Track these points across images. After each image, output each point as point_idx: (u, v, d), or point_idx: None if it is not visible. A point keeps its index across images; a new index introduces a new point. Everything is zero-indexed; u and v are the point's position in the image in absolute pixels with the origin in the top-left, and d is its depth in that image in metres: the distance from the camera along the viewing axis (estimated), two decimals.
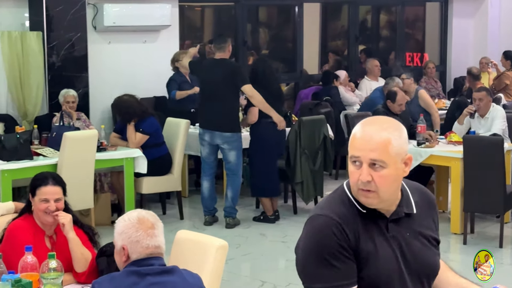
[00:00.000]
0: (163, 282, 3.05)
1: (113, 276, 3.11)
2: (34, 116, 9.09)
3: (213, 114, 7.99)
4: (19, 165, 7.20)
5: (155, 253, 3.14)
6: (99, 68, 9.75)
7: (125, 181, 7.93)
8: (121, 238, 3.18)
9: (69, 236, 4.06)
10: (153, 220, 3.22)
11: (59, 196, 4.17)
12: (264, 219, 8.30)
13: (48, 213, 4.11)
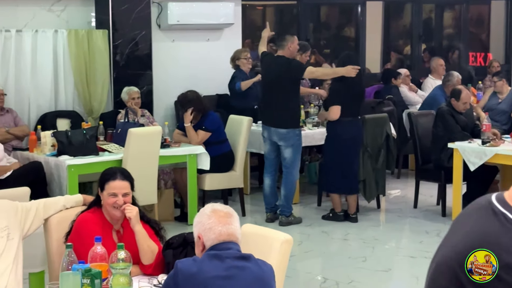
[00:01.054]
0: (241, 267, 3.11)
1: (195, 258, 3.17)
2: (99, 113, 9.25)
3: (270, 110, 8.05)
4: (85, 160, 7.33)
5: (228, 240, 3.19)
6: (163, 66, 9.87)
7: (188, 177, 8.01)
8: (197, 228, 3.28)
9: (136, 229, 4.13)
10: (226, 210, 3.31)
11: (127, 190, 4.23)
12: (333, 216, 8.23)
13: (116, 207, 4.18)
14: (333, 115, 7.91)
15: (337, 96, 7.93)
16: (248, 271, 3.12)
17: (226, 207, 3.35)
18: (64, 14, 9.25)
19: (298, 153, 8.11)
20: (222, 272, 3.06)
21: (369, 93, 11.16)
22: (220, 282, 3.04)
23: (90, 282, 3.41)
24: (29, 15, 8.98)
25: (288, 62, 7.96)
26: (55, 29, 9.03)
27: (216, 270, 3.07)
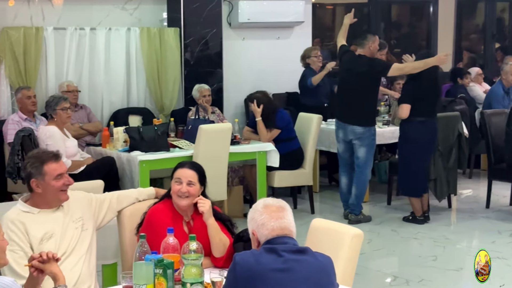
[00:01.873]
0: (298, 260, 3.10)
1: (253, 251, 3.18)
2: (170, 110, 9.36)
3: (348, 108, 8.01)
4: (157, 156, 7.42)
5: (282, 234, 3.19)
6: (233, 63, 9.94)
7: (257, 174, 8.04)
8: (250, 225, 3.28)
9: (209, 222, 4.16)
10: (278, 204, 3.28)
11: (192, 179, 4.24)
12: (412, 219, 8.11)
13: (181, 196, 4.21)
14: (402, 114, 7.81)
15: (408, 95, 7.83)
16: (306, 264, 3.11)
17: (278, 200, 3.32)
18: (137, 13, 9.39)
19: (371, 153, 8.05)
20: (279, 265, 3.06)
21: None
22: (278, 274, 3.04)
23: (163, 272, 3.45)
24: (103, 14, 9.14)
25: (371, 61, 7.93)
26: (128, 27, 9.18)
27: (273, 263, 3.07)
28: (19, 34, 8.44)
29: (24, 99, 8.04)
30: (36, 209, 4.13)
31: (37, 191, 4.11)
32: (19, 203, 4.18)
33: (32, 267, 3.35)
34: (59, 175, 4.13)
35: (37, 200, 4.15)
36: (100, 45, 8.99)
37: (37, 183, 4.09)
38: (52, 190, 4.12)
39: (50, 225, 4.11)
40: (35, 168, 4.10)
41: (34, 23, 8.65)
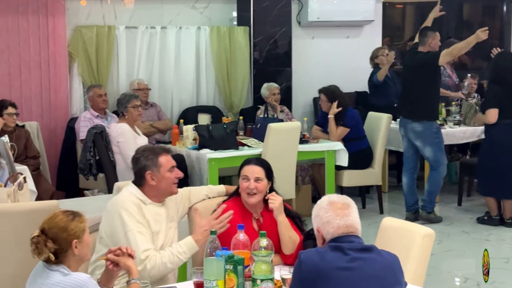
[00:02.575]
0: (364, 258, 3.07)
1: (317, 249, 3.16)
2: (239, 108, 9.40)
3: (407, 103, 7.99)
4: (225, 154, 7.45)
5: (347, 232, 3.16)
6: (302, 62, 9.92)
7: (326, 173, 8.01)
8: (315, 222, 3.25)
9: (279, 219, 4.16)
10: (343, 201, 3.24)
11: (259, 175, 4.25)
12: (488, 219, 7.97)
13: (249, 193, 4.22)
14: (491, 118, 7.66)
15: (495, 98, 7.68)
16: (371, 262, 3.07)
17: (343, 197, 3.28)
18: (207, 11, 9.45)
19: (439, 150, 7.93)
20: (345, 263, 3.03)
21: None
22: (344, 273, 3.01)
23: (233, 268, 3.46)
24: (173, 13, 9.22)
25: (422, 53, 7.85)
26: (198, 26, 9.25)
27: (339, 261, 3.04)
28: (91, 33, 8.58)
29: (95, 97, 8.18)
30: (148, 199, 4.19)
31: (151, 184, 4.17)
32: (132, 187, 4.22)
33: (108, 260, 3.41)
34: (172, 167, 4.21)
35: (147, 193, 4.19)
36: (170, 43, 9.08)
37: (152, 175, 4.16)
38: (166, 182, 4.20)
39: (157, 221, 4.16)
40: (150, 160, 4.18)
41: (106, 22, 8.79)
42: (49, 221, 3.24)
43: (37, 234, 3.20)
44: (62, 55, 8.45)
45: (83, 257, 3.30)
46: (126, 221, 3.99)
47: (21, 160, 7.29)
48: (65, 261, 3.22)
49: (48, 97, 8.45)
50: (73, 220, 3.25)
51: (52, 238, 3.18)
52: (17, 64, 8.24)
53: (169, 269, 3.98)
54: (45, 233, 3.20)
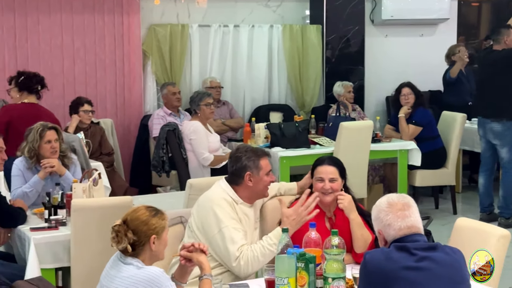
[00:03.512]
0: (431, 257, 3.03)
1: (383, 249, 3.13)
2: (311, 107, 9.38)
3: (484, 103, 7.83)
4: (297, 152, 7.44)
5: (410, 233, 3.12)
6: (375, 61, 9.85)
7: (398, 173, 7.93)
8: (376, 224, 3.23)
9: (351, 217, 4.14)
10: (403, 201, 3.20)
11: (333, 176, 4.24)
12: None
13: (324, 193, 4.20)
14: None
15: None
16: (439, 261, 3.03)
17: (403, 196, 3.23)
18: (280, 10, 9.46)
19: None
20: (412, 263, 2.99)
21: None
22: (412, 273, 2.97)
23: (305, 266, 3.45)
24: (246, 11, 9.26)
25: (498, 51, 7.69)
26: (270, 24, 9.27)
27: (405, 261, 3.00)
28: (165, 31, 8.68)
29: (169, 95, 8.26)
30: (240, 199, 4.23)
31: (247, 184, 4.20)
32: (225, 184, 4.25)
33: (181, 256, 3.44)
34: (269, 171, 4.24)
35: (240, 193, 4.23)
36: (243, 42, 9.11)
37: (250, 176, 4.20)
38: (262, 185, 4.24)
39: (245, 221, 4.19)
40: (252, 162, 4.21)
41: (180, 21, 8.88)
42: (132, 213, 3.30)
43: (119, 223, 3.26)
44: (137, 53, 8.56)
45: (159, 254, 3.34)
46: (221, 218, 4.02)
47: (95, 157, 7.42)
48: (141, 255, 3.26)
49: (123, 94, 8.58)
50: (154, 216, 3.30)
51: (132, 230, 3.24)
52: (93, 62, 8.39)
53: (261, 263, 3.96)
54: (127, 224, 3.26)
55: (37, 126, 5.48)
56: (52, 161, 5.42)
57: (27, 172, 5.45)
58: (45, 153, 5.44)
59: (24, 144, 5.49)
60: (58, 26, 8.17)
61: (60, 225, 4.91)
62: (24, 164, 5.47)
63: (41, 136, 5.43)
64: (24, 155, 5.47)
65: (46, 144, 5.44)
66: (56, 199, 5.07)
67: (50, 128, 5.49)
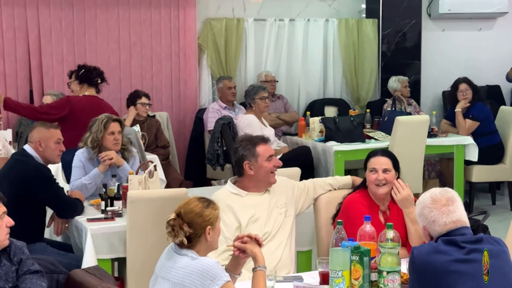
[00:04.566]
0: (480, 249, 3.02)
1: (431, 243, 3.12)
2: (366, 102, 9.33)
3: None
4: (352, 146, 7.41)
5: (455, 227, 3.10)
6: (432, 55, 9.74)
7: (454, 168, 7.83)
8: (421, 219, 3.22)
9: (406, 211, 4.10)
10: (447, 196, 3.18)
11: (387, 166, 4.20)
12: None
13: (377, 184, 4.17)
14: None
15: None
16: (487, 252, 3.00)
17: (446, 191, 3.20)
18: (335, 4, 9.41)
19: None
20: (462, 256, 2.99)
21: None
22: (463, 265, 2.97)
23: (359, 259, 3.44)
24: (302, 5, 9.24)
25: None
26: (326, 18, 9.23)
27: (455, 254, 3.00)
28: (221, 25, 8.70)
29: (225, 89, 8.28)
30: (244, 191, 4.27)
31: (249, 173, 4.25)
32: (228, 184, 4.34)
33: (235, 247, 3.45)
34: (270, 156, 4.26)
35: (246, 183, 4.28)
36: (298, 36, 9.10)
37: (250, 165, 4.24)
38: (264, 172, 4.26)
39: (256, 209, 4.23)
40: (248, 150, 4.26)
41: (235, 15, 8.89)
42: (185, 206, 3.31)
43: (174, 217, 3.28)
44: (192, 47, 8.61)
45: (213, 244, 3.35)
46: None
47: (151, 150, 7.49)
48: (196, 246, 3.28)
49: (178, 88, 8.64)
50: (207, 207, 3.32)
51: (188, 223, 3.26)
52: (149, 56, 8.46)
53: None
54: (181, 217, 3.27)
55: (101, 117, 5.56)
56: (110, 154, 5.49)
57: (88, 164, 5.53)
58: (108, 144, 5.51)
59: (87, 134, 5.57)
60: (115, 21, 8.26)
61: (116, 216, 4.96)
62: (85, 155, 5.54)
63: (105, 127, 5.50)
64: (86, 146, 5.55)
65: (109, 135, 5.51)
66: (112, 191, 5.13)
67: (114, 120, 5.57)
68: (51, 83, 7.96)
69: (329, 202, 4.49)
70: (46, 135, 4.99)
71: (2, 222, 3.22)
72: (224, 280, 3.16)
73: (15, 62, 7.87)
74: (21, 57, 7.89)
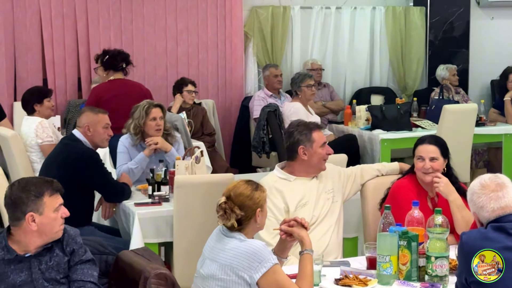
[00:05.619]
0: None
1: (480, 229, 3.11)
2: (413, 90, 9.27)
3: None
4: (398, 135, 7.38)
5: (503, 213, 3.06)
6: (480, 44, 9.62)
7: (503, 157, 7.75)
8: (470, 206, 3.21)
9: (450, 199, 4.05)
10: (497, 181, 3.14)
11: (434, 155, 4.14)
12: None
13: (425, 172, 4.13)
14: None
15: None
16: None
17: (497, 177, 3.16)
18: None
19: None
20: (510, 243, 2.95)
21: None
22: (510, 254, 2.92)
23: (407, 244, 3.42)
24: None
25: None
26: (373, 6, 9.17)
27: (503, 241, 2.97)
28: (267, 13, 8.69)
29: (271, 77, 8.27)
30: (292, 176, 4.27)
31: (302, 158, 4.25)
32: (276, 169, 4.34)
33: (281, 231, 3.45)
34: (324, 143, 4.26)
35: (297, 168, 4.28)
36: (344, 24, 9.06)
37: (304, 150, 4.24)
38: (317, 158, 4.26)
39: (305, 193, 4.23)
40: (304, 135, 4.26)
41: (282, 2, 8.87)
42: (234, 189, 3.32)
43: (224, 200, 3.29)
44: (239, 35, 8.62)
45: (262, 226, 3.37)
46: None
47: (197, 137, 7.52)
48: (245, 229, 3.30)
49: (224, 76, 8.66)
50: (256, 189, 3.33)
51: (238, 205, 3.27)
52: (195, 43, 8.48)
53: None
54: (232, 200, 3.29)
55: (143, 103, 5.59)
56: (155, 139, 5.52)
57: (132, 149, 5.57)
58: (150, 130, 5.54)
59: (130, 121, 5.61)
60: (162, 8, 8.29)
61: (163, 201, 5.00)
62: (129, 141, 5.58)
63: (147, 113, 5.53)
64: (129, 132, 5.59)
65: (151, 121, 5.53)
66: (159, 176, 5.17)
67: (155, 105, 5.59)
68: None
69: (376, 188, 4.46)
70: (95, 120, 5.04)
71: (58, 214, 3.24)
72: (272, 262, 3.17)
73: (64, 49, 7.96)
74: (69, 44, 7.97)
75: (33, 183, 3.24)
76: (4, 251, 3.22)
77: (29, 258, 3.24)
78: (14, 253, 3.22)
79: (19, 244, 3.24)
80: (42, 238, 3.23)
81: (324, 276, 3.54)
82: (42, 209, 3.20)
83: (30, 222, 3.18)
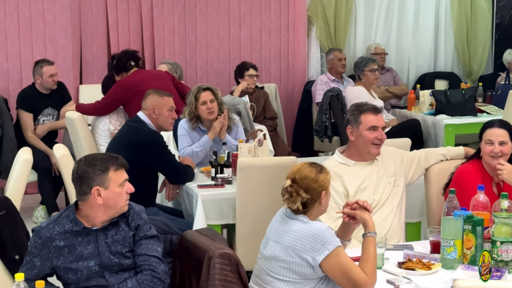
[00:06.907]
0: None
1: None
2: (478, 75, 9.13)
3: None
4: (463, 120, 7.29)
5: None
6: None
7: None
8: None
9: None
10: None
11: (503, 139, 4.08)
12: None
13: (493, 156, 4.08)
14: None
15: None
16: None
17: None
18: None
19: None
20: None
21: None
22: None
23: (472, 229, 3.39)
24: None
25: None
26: None
27: None
28: None
29: (335, 61, 8.23)
30: (352, 161, 4.27)
31: (350, 139, 4.26)
32: (336, 154, 4.35)
33: (344, 214, 3.45)
34: (373, 127, 4.23)
35: (352, 151, 4.29)
36: (409, 8, 8.96)
37: (351, 131, 4.26)
38: (363, 141, 4.24)
39: (365, 178, 4.23)
40: (353, 116, 4.28)
41: None
42: (298, 172, 3.33)
43: (290, 183, 3.30)
44: (302, 19, 8.60)
45: (325, 208, 3.37)
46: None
47: (259, 121, 7.53)
48: (309, 211, 3.31)
49: (287, 60, 8.65)
50: (321, 172, 3.33)
51: (304, 188, 3.28)
52: (258, 28, 8.49)
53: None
54: (297, 183, 3.29)
55: (193, 89, 5.62)
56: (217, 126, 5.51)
57: (192, 132, 5.60)
58: (202, 114, 5.53)
59: (185, 107, 5.66)
60: None
61: (226, 183, 5.03)
62: (188, 124, 5.62)
63: (196, 98, 5.54)
64: (185, 117, 5.62)
65: (202, 105, 5.53)
66: (222, 158, 5.20)
67: (204, 89, 5.58)
68: (163, 55, 8.10)
69: (440, 173, 4.42)
70: (160, 103, 5.08)
71: (123, 189, 3.30)
72: (335, 245, 3.18)
73: (128, 33, 8.05)
74: (134, 28, 8.06)
75: (99, 159, 3.31)
76: (72, 223, 3.30)
77: (96, 231, 3.31)
78: (82, 225, 3.29)
79: (86, 219, 3.31)
80: (107, 212, 3.30)
81: (387, 259, 3.53)
82: (107, 184, 3.26)
83: (96, 196, 3.25)
